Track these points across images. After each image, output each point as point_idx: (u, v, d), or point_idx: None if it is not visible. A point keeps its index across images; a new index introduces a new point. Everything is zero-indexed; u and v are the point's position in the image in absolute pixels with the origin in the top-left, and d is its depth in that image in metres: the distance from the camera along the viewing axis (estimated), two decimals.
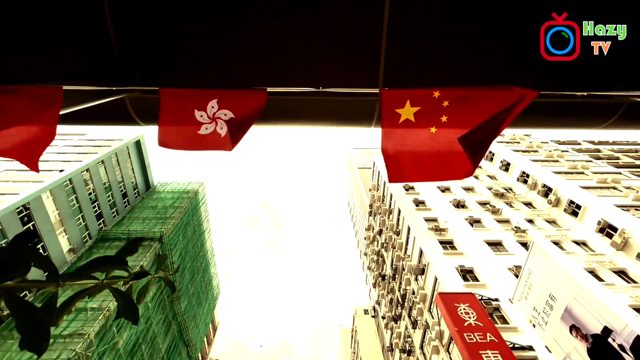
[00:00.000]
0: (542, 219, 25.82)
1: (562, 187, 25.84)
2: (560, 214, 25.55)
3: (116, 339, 21.96)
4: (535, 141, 36.83)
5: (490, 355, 13.40)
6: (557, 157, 31.30)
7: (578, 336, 12.32)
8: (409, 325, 25.18)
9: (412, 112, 1.98)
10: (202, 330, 38.64)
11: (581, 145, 36.71)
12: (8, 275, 1.09)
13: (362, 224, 55.34)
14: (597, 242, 21.76)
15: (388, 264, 32.91)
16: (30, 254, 1.19)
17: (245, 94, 1.99)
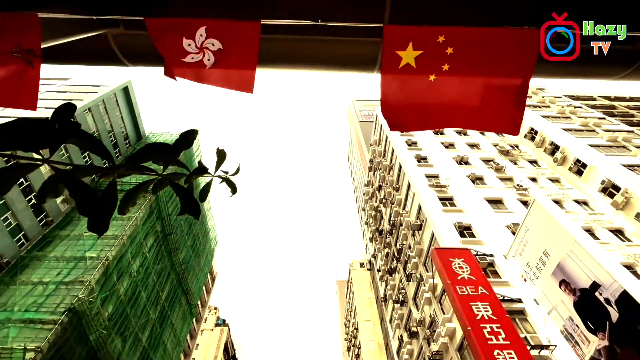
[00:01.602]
0: (545, 177, 26.14)
1: (570, 145, 25.79)
2: (565, 173, 25.82)
3: (117, 287, 23.29)
4: (548, 96, 35.94)
5: (480, 306, 14.38)
6: (569, 114, 30.79)
7: (566, 290, 13.15)
8: (403, 278, 26.66)
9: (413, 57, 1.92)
10: (200, 280, 40.90)
11: (596, 101, 35.93)
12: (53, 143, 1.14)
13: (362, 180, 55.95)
14: (598, 202, 22.28)
15: (386, 219, 33.90)
16: (71, 129, 1.21)
17: (236, 24, 1.90)
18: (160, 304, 30.18)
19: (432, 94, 2.04)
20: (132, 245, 25.21)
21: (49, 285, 20.83)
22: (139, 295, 26.22)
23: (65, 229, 25.16)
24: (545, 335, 14.05)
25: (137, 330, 25.81)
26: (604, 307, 11.45)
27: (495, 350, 12.58)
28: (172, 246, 31.75)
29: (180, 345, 35.06)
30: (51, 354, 17.50)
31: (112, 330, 22.50)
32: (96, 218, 1.24)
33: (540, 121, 29.91)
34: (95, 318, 20.61)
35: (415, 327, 22.67)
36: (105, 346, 21.28)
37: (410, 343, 23.90)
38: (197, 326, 45.29)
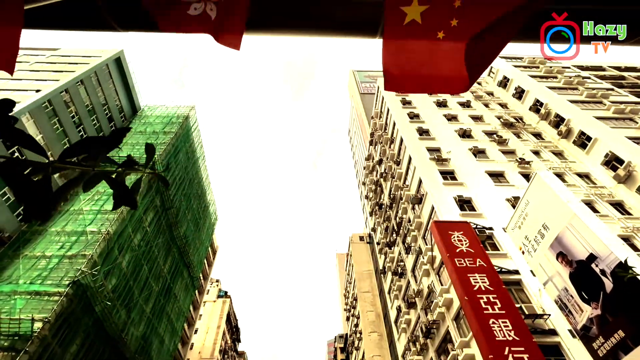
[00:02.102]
0: (548, 150, 26.04)
1: (575, 118, 25.49)
2: (568, 146, 25.70)
3: (119, 260, 23.84)
4: (556, 66, 35.07)
5: (477, 277, 14.79)
6: (577, 85, 30.19)
7: (563, 262, 13.46)
8: (402, 251, 27.22)
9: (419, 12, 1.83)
10: (201, 254, 41.78)
11: (605, 72, 35.10)
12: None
13: (362, 154, 55.77)
14: (600, 175, 22.33)
15: (386, 193, 34.13)
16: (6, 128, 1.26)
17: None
18: (163, 276, 30.99)
19: (439, 53, 1.95)
20: (132, 220, 25.52)
21: (52, 259, 21.29)
22: (141, 268, 26.86)
23: (66, 204, 25.37)
24: (539, 305, 14.55)
25: (141, 302, 26.68)
26: (599, 278, 11.76)
27: (490, 320, 13.07)
28: (172, 220, 32.14)
29: (184, 316, 36.37)
30: (58, 324, 18.18)
31: (116, 301, 23.25)
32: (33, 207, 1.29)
33: (546, 92, 29.38)
34: (99, 290, 21.23)
35: (413, 298, 23.41)
36: (111, 316, 22.07)
37: (408, 313, 24.78)
38: (199, 298, 46.78)
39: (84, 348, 20.34)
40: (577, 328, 12.51)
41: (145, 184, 27.65)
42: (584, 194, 20.79)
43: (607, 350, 11.10)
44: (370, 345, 37.19)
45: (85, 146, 1.42)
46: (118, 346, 22.91)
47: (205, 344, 51.36)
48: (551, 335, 13.44)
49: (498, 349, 12.11)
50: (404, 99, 34.93)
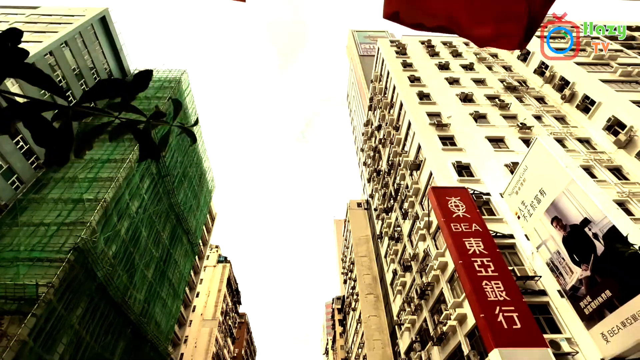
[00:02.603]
0: (550, 115, 25.79)
1: (580, 81, 24.99)
2: (571, 110, 25.42)
3: (118, 227, 24.21)
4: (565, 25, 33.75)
5: (472, 242, 15.22)
6: (584, 45, 29.28)
7: (557, 226, 13.80)
8: (399, 217, 27.73)
9: None
10: (200, 220, 42.43)
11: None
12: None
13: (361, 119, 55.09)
14: (601, 140, 22.31)
15: (384, 159, 34.14)
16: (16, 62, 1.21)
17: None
18: (162, 242, 31.65)
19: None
20: (128, 188, 25.60)
21: (50, 227, 21.58)
22: (140, 235, 27.34)
23: (59, 172, 25.29)
24: (531, 268, 15.11)
25: (142, 267, 27.46)
26: (591, 241, 12.13)
27: (483, 281, 13.61)
28: (169, 188, 32.28)
29: (185, 280, 37.63)
30: (62, 289, 18.80)
31: (118, 267, 23.92)
32: (53, 152, 1.28)
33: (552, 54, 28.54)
34: (100, 257, 21.76)
35: (409, 262, 24.20)
36: (113, 281, 22.80)
37: (404, 276, 25.72)
38: (200, 263, 48.16)
39: (89, 311, 21.19)
40: (566, 289, 13.08)
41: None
42: (582, 159, 20.88)
43: (594, 308, 11.68)
44: (366, 306, 38.97)
45: (105, 89, 1.34)
46: (122, 309, 23.86)
47: (207, 306, 53.62)
48: (541, 295, 14.08)
49: (489, 309, 12.72)
50: (405, 62, 33.95)
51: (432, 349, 20.11)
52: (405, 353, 25.14)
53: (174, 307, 34.12)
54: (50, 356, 17.66)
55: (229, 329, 61.64)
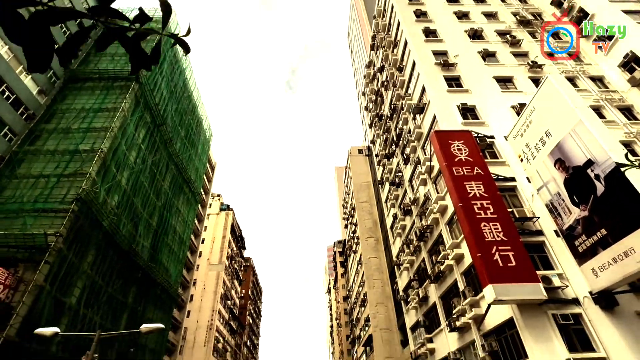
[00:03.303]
0: None
1: (600, 12, 23.39)
2: (586, 46, 24.17)
3: (118, 178, 24.51)
4: None
5: (473, 185, 15.45)
6: None
7: (560, 168, 13.91)
8: (400, 162, 27.85)
9: None
10: (199, 170, 42.78)
11: None
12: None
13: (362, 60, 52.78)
14: (615, 78, 21.54)
15: (387, 103, 33.36)
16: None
17: None
18: (164, 192, 32.25)
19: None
20: (124, 138, 25.39)
21: (50, 178, 21.83)
22: (141, 185, 27.76)
23: (51, 122, 24.91)
24: (530, 209, 15.52)
25: (146, 216, 28.31)
26: (593, 182, 12.31)
27: (482, 223, 14.09)
28: (165, 137, 32.02)
29: (189, 228, 39.03)
30: (70, 238, 19.59)
31: (122, 216, 24.66)
32: (34, 55, 1.23)
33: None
34: (103, 207, 22.32)
35: (409, 206, 24.83)
36: (119, 230, 23.67)
37: (404, 219, 26.57)
38: (203, 211, 49.54)
39: (99, 258, 22.31)
40: (562, 229, 13.58)
41: (132, 99, 26.74)
42: (593, 99, 20.35)
43: (587, 247, 12.23)
44: (367, 249, 40.87)
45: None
46: (130, 256, 25.08)
47: (212, 251, 56.30)
48: (537, 235, 14.64)
49: (486, 248, 13.33)
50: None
51: (429, 286, 21.47)
52: (403, 290, 26.91)
53: (181, 253, 35.83)
54: (67, 299, 18.96)
55: (235, 272, 65.36)
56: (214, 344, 47.95)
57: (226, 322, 56.11)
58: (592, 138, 12.54)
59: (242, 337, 70.41)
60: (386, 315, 35.47)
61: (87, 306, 20.62)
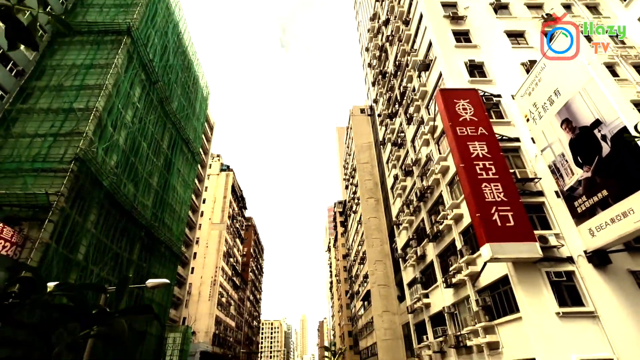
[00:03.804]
0: (582, 3, 23.27)
1: None
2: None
3: (115, 137, 24.33)
4: None
5: (477, 145, 15.35)
6: None
7: (567, 129, 13.74)
8: (403, 122, 27.47)
9: None
10: (198, 129, 42.33)
11: None
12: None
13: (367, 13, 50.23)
14: (634, 32, 20.59)
15: (391, 59, 32.22)
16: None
17: None
18: (163, 152, 32.19)
19: None
20: (119, 96, 24.84)
21: (47, 138, 21.68)
22: (140, 145, 27.63)
23: (42, 80, 24.27)
24: (533, 170, 15.54)
25: (146, 176, 28.49)
26: (598, 143, 12.21)
27: (483, 184, 14.18)
28: (162, 95, 31.33)
29: (190, 188, 39.45)
30: (72, 197, 19.86)
31: (122, 176, 24.83)
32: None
33: None
34: (102, 167, 22.40)
35: (411, 167, 24.87)
36: (120, 190, 23.94)
37: (405, 180, 26.74)
38: (203, 172, 49.79)
39: (102, 217, 22.77)
40: (563, 190, 13.69)
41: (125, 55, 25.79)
42: (608, 55, 19.58)
43: (587, 207, 12.41)
44: (367, 209, 41.59)
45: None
46: (133, 215, 25.58)
47: (214, 211, 57.38)
48: (538, 196, 14.80)
49: (485, 209, 13.54)
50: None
51: (427, 245, 22.11)
52: (401, 249, 27.76)
53: (182, 213, 36.53)
54: (74, 256, 19.63)
55: (237, 231, 67.07)
56: (218, 298, 50.42)
57: (229, 278, 58.56)
58: (602, 97, 12.25)
59: (244, 292, 73.84)
60: (384, 272, 36.91)
61: (94, 263, 21.40)
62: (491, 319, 14.85)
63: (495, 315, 14.76)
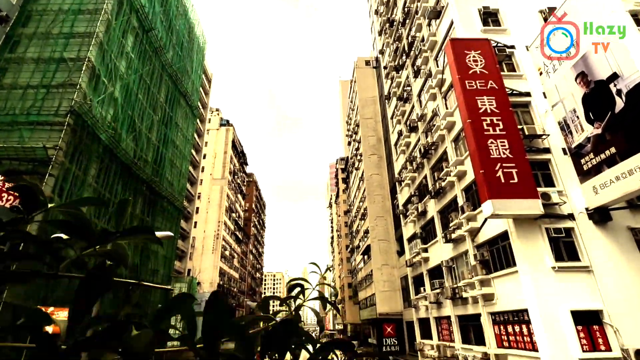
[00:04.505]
0: None
1: None
2: None
3: (109, 89, 23.78)
4: None
5: (485, 100, 14.97)
6: None
7: (581, 82, 13.29)
8: (410, 75, 26.59)
9: None
10: (195, 81, 41.20)
11: None
12: None
13: None
14: None
15: (400, 6, 30.43)
16: None
17: None
18: (160, 106, 31.65)
19: None
20: (110, 45, 23.88)
21: (39, 89, 21.22)
22: (136, 98, 27.10)
23: (29, 26, 23.22)
24: (542, 127, 15.28)
25: (145, 131, 28.28)
26: (612, 98, 11.88)
27: (489, 140, 14.04)
28: (156, 45, 30.11)
29: (189, 142, 39.31)
30: (71, 151, 19.87)
31: (120, 130, 24.65)
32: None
33: None
34: (99, 120, 22.15)
35: (416, 122, 24.50)
36: (119, 144, 23.88)
37: (409, 136, 26.49)
38: (202, 126, 49.30)
39: (103, 172, 22.96)
40: (571, 147, 13.57)
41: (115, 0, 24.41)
42: (634, 2, 18.37)
43: (593, 165, 12.38)
44: (369, 166, 41.68)
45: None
46: (133, 170, 25.77)
47: (215, 166, 57.69)
48: (544, 153, 14.70)
49: (490, 165, 13.53)
50: None
51: (429, 201, 22.43)
52: (403, 205, 28.22)
53: (183, 167, 36.77)
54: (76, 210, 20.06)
55: (239, 186, 67.90)
56: (222, 251, 52.34)
57: (232, 232, 60.34)
58: (623, 48, 11.71)
59: (247, 245, 76.48)
60: (385, 228, 37.86)
61: (97, 217, 21.93)
62: (488, 273, 15.46)
63: (492, 269, 15.35)
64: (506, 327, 14.26)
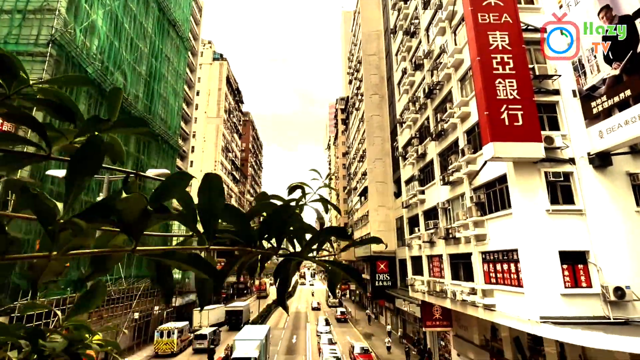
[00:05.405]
0: None
1: None
2: None
3: (93, 17, 22.17)
4: None
5: (497, 36, 14.13)
6: None
7: (604, 17, 12.47)
8: (419, 6, 24.80)
9: None
10: (185, 9, 38.43)
11: None
12: None
13: None
14: None
15: None
16: None
17: None
18: (149, 37, 29.86)
19: None
20: None
21: (14, 15, 19.78)
22: (122, 27, 25.44)
23: None
24: (554, 67, 14.65)
25: (133, 64, 27.01)
26: (637, 35, 11.25)
27: (497, 79, 13.54)
28: None
29: (181, 78, 37.84)
30: None
31: (107, 62, 23.51)
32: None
33: None
34: (83, 51, 20.98)
35: (422, 60, 23.43)
36: (107, 78, 22.93)
37: (414, 75, 25.50)
38: (194, 60, 47.06)
39: (92, 108, 22.35)
40: (582, 88, 13.15)
41: None
42: None
43: (604, 108, 12.11)
44: (370, 106, 40.77)
45: None
46: (124, 106, 25.09)
47: (209, 104, 56.27)
48: (553, 94, 14.28)
49: (495, 107, 13.22)
50: None
51: (429, 143, 22.33)
52: (402, 147, 28.16)
53: (176, 105, 35.84)
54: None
55: (235, 126, 66.95)
56: None
57: (229, 172, 60.85)
58: None
59: (244, 185, 77.66)
60: (383, 170, 38.20)
61: None
62: (482, 215, 15.94)
63: (487, 211, 15.78)
64: (495, 266, 15.08)
